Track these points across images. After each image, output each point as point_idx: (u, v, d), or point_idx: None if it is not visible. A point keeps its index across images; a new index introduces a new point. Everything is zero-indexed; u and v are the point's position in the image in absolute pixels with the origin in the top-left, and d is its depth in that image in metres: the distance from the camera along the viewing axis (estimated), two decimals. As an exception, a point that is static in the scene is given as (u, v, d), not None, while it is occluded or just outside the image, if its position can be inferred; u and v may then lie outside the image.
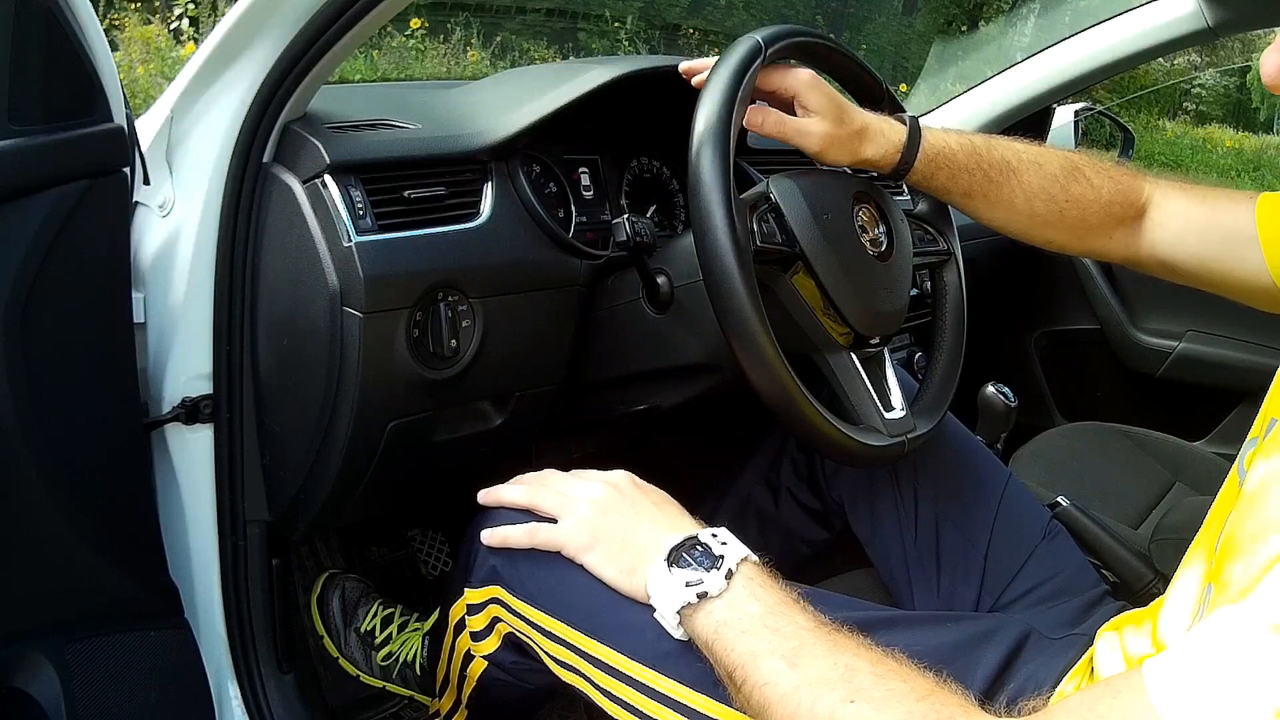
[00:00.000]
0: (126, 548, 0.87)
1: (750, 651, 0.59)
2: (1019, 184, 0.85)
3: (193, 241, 0.85)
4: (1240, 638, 0.42)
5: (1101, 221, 0.86)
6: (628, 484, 0.74)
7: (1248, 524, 0.50)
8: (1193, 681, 0.43)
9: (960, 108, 1.76)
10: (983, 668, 0.70)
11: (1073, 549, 0.90)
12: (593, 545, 0.70)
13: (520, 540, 0.74)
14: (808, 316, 0.81)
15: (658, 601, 0.65)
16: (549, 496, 0.74)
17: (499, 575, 0.76)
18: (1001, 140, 0.88)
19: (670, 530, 0.69)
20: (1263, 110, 11.19)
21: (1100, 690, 0.48)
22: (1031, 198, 0.85)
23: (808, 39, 0.84)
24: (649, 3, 7.33)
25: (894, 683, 0.54)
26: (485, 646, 0.81)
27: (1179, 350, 1.71)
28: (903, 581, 0.90)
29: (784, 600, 0.62)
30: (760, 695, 0.57)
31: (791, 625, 0.60)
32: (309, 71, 0.81)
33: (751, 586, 0.63)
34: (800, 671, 0.57)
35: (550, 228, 0.94)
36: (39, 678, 0.81)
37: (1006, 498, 0.89)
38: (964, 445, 0.94)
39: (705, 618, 0.62)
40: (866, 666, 0.56)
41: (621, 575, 0.68)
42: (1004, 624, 0.76)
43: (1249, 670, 0.41)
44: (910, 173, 0.84)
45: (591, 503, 0.72)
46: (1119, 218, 0.86)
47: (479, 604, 0.79)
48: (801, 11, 8.69)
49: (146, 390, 0.90)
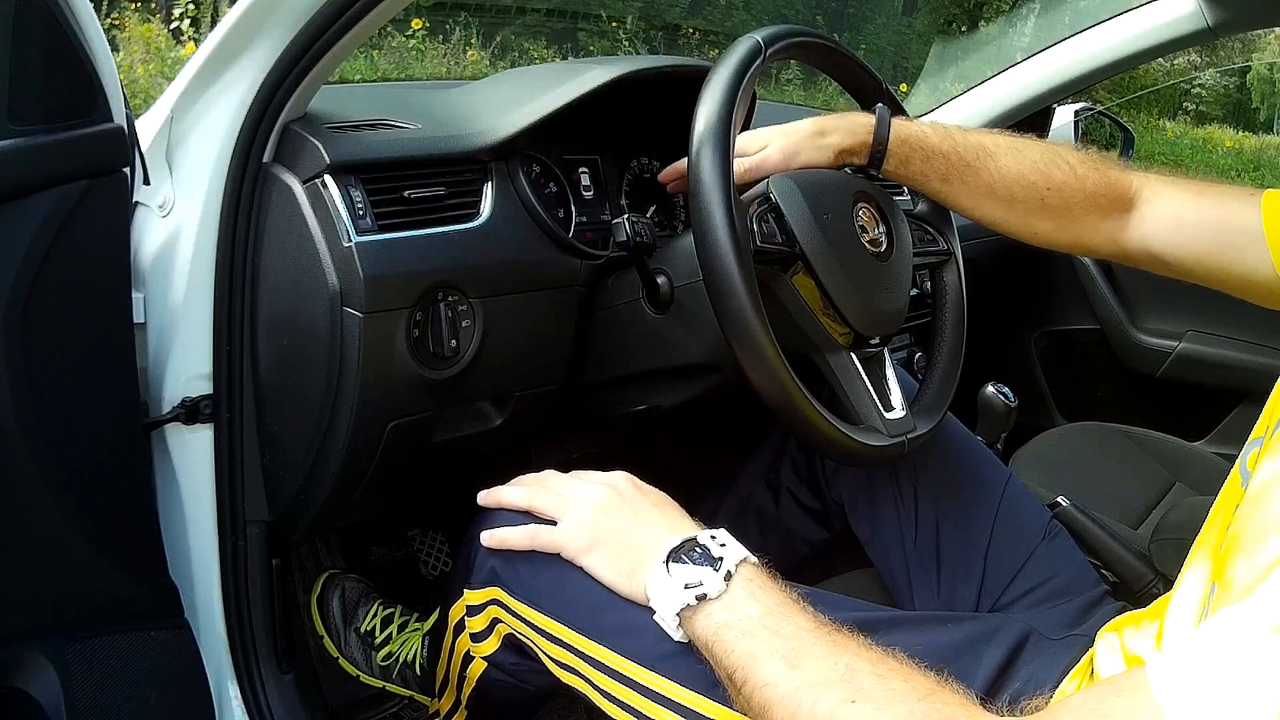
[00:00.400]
0: (126, 548, 0.87)
1: (750, 653, 0.59)
2: (996, 169, 0.85)
3: (193, 241, 0.85)
4: (1243, 638, 0.42)
5: (1086, 212, 0.86)
6: (627, 486, 0.74)
7: (1252, 523, 0.50)
8: (1196, 681, 0.43)
9: (960, 108, 1.76)
10: (983, 668, 0.70)
11: (1073, 549, 0.90)
12: (592, 547, 0.70)
13: (520, 542, 0.74)
14: (808, 316, 0.80)
15: (657, 604, 0.65)
16: (549, 498, 0.74)
17: (498, 577, 0.76)
18: (979, 129, 0.88)
19: (670, 532, 0.68)
20: (1263, 110, 11.20)
21: (1103, 689, 0.48)
22: (1011, 183, 0.85)
23: (807, 39, 0.84)
24: (649, 3, 7.33)
25: (895, 682, 0.54)
26: (485, 648, 0.81)
27: (1179, 350, 1.71)
28: (903, 581, 0.90)
29: (783, 601, 0.62)
30: (761, 696, 0.57)
31: (791, 626, 0.60)
32: (309, 71, 0.81)
33: (751, 588, 0.63)
34: (800, 672, 0.57)
35: (550, 228, 0.94)
36: (39, 678, 0.81)
37: (1007, 498, 0.89)
38: (964, 445, 0.94)
39: (705, 619, 0.62)
40: (867, 666, 0.56)
41: (621, 577, 0.68)
42: (1004, 624, 0.76)
43: (1252, 670, 0.41)
44: (886, 157, 0.85)
45: (591, 505, 0.72)
46: (1105, 209, 0.86)
47: (479, 605, 0.79)
48: (801, 11, 8.70)
49: (146, 390, 0.90)
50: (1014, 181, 0.85)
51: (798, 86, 7.07)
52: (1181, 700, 0.42)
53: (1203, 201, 0.84)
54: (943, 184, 0.87)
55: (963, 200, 0.88)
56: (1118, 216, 0.86)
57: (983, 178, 0.85)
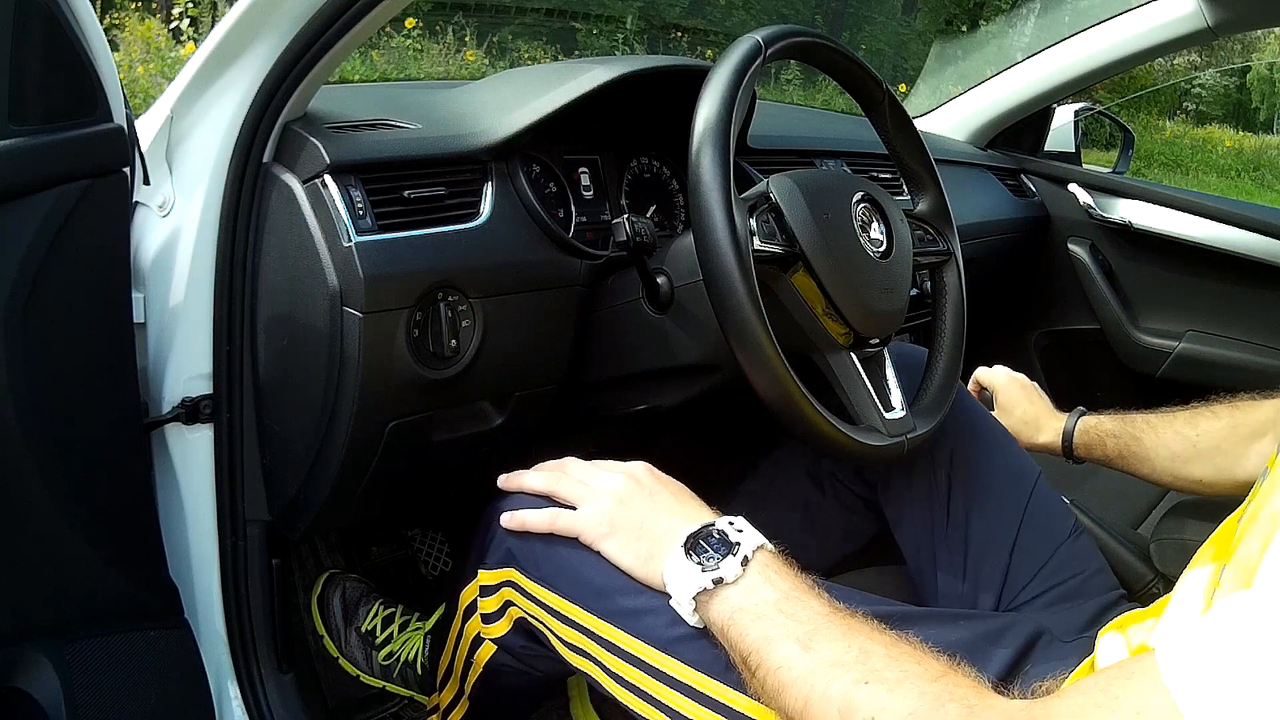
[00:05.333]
0: (126, 547, 0.87)
1: (765, 636, 0.60)
2: (1156, 436, 0.98)
3: (193, 241, 0.85)
4: (1254, 620, 0.43)
5: (1234, 447, 0.94)
6: (646, 475, 0.75)
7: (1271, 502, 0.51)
8: (1206, 664, 0.43)
9: (960, 107, 1.77)
10: (992, 666, 0.70)
11: (1095, 552, 0.88)
12: (611, 533, 0.71)
13: (540, 524, 0.75)
14: (808, 316, 0.80)
15: (674, 588, 0.66)
16: (569, 484, 0.76)
17: (514, 558, 0.77)
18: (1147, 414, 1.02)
19: (687, 520, 0.70)
20: (1263, 110, 11.20)
21: (1114, 672, 0.49)
22: (1169, 442, 0.98)
23: (807, 39, 0.84)
24: (649, 3, 7.34)
25: (908, 665, 0.55)
26: (496, 630, 0.82)
27: (1179, 350, 1.71)
28: (929, 573, 0.88)
29: (798, 586, 0.63)
30: (775, 679, 0.58)
31: (806, 610, 0.61)
32: (309, 71, 0.81)
33: (767, 573, 0.64)
34: (814, 655, 0.57)
35: (550, 228, 0.94)
36: (39, 678, 0.81)
37: (1036, 495, 0.89)
38: (998, 439, 0.93)
39: (721, 604, 0.63)
40: (880, 649, 0.57)
41: (638, 562, 0.69)
42: (1016, 623, 0.76)
43: (1261, 653, 0.41)
44: (1073, 449, 1.05)
45: (610, 493, 0.73)
46: (1247, 438, 0.93)
47: (493, 585, 0.80)
48: (801, 11, 8.71)
49: (146, 390, 0.90)
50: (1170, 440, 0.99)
51: (798, 86, 7.08)
52: (1192, 681, 0.43)
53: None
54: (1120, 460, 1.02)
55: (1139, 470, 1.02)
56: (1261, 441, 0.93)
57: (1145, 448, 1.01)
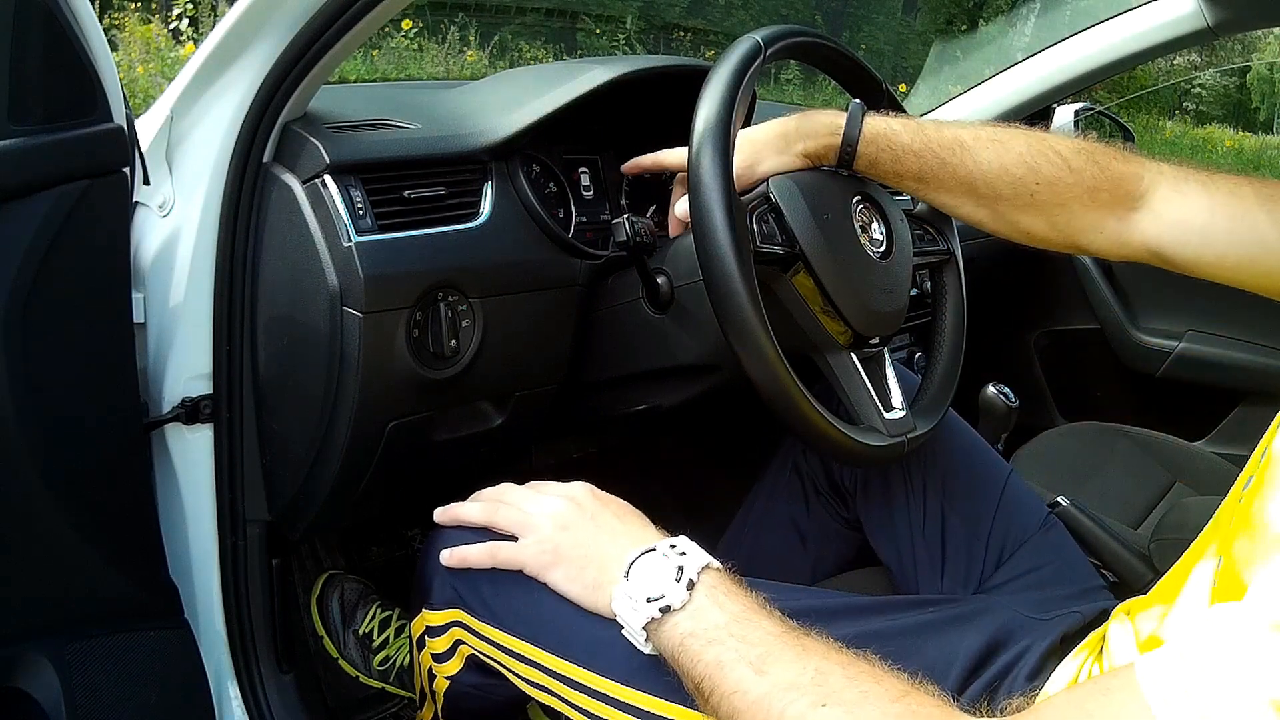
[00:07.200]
0: (126, 547, 0.87)
1: (716, 661, 0.58)
2: (975, 163, 0.79)
3: (193, 241, 0.85)
4: (1238, 635, 0.42)
5: (1085, 208, 0.78)
6: (587, 496, 0.73)
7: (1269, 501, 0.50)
8: (1187, 678, 0.42)
9: (960, 108, 1.76)
10: (965, 646, 0.69)
11: (1067, 544, 0.89)
12: (555, 563, 0.69)
13: (480, 560, 0.72)
14: (808, 316, 0.80)
15: (623, 619, 0.64)
16: (507, 513, 0.73)
17: (460, 598, 0.74)
18: (958, 122, 0.84)
19: (632, 543, 0.67)
20: (1263, 110, 11.20)
21: (1090, 689, 0.48)
22: (993, 179, 0.79)
23: (807, 39, 0.84)
24: (649, 3, 7.33)
25: (867, 684, 0.53)
26: (448, 668, 0.79)
27: (1179, 350, 1.71)
28: (910, 572, 0.89)
29: (749, 606, 0.61)
30: (729, 705, 0.56)
31: (758, 632, 0.59)
32: (309, 71, 0.81)
33: (715, 595, 0.61)
34: (768, 677, 0.55)
35: (550, 228, 0.94)
36: (39, 678, 0.81)
37: (1007, 491, 0.89)
38: (968, 441, 0.93)
39: (670, 630, 0.61)
40: (838, 669, 0.55)
41: (586, 591, 0.67)
42: (989, 606, 0.75)
43: (1245, 666, 0.40)
44: (855, 158, 0.81)
45: (551, 518, 0.71)
46: (1107, 205, 0.78)
47: (440, 626, 0.77)
48: (801, 11, 8.71)
49: (146, 390, 0.90)
50: (996, 177, 0.79)
51: (798, 86, 7.08)
52: (1172, 698, 0.42)
53: (1236, 202, 0.75)
54: (918, 183, 0.82)
55: (943, 199, 0.82)
56: (1122, 214, 0.79)
57: (960, 174, 0.79)
